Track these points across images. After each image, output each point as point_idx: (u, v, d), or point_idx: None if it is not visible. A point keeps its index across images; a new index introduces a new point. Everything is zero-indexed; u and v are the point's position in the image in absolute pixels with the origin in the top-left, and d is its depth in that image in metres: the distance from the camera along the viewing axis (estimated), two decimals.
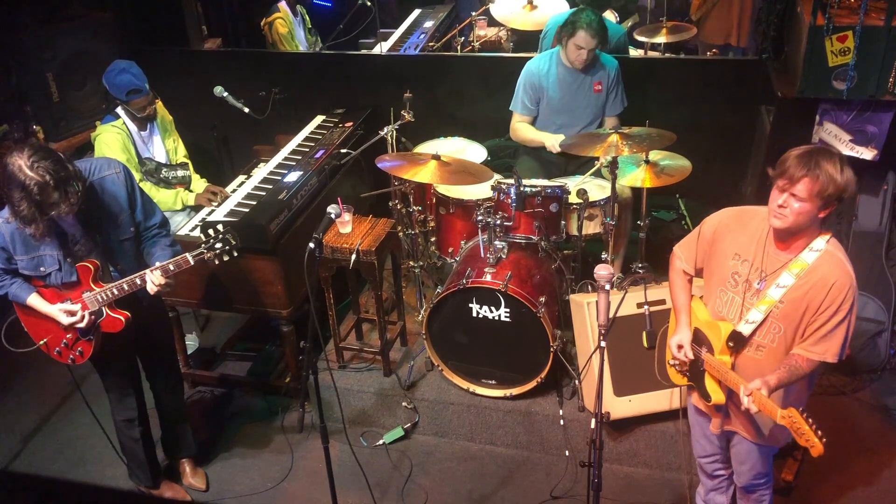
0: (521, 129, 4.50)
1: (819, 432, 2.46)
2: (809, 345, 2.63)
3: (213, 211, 4.18)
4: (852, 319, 2.59)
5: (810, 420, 2.47)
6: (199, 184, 4.41)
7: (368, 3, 5.77)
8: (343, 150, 4.58)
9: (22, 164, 2.78)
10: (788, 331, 2.67)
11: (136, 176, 4.06)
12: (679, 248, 3.00)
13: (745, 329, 2.71)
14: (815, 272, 2.59)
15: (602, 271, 2.70)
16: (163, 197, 4.19)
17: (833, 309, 2.57)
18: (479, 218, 3.94)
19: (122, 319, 3.20)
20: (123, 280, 3.13)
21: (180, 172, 4.34)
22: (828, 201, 2.53)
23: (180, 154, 4.44)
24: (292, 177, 4.24)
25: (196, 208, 4.30)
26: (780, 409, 2.53)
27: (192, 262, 3.12)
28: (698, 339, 2.88)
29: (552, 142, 4.31)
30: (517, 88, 4.48)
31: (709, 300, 2.89)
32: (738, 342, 2.74)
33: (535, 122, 4.51)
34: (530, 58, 4.52)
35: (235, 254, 3.18)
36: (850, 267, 2.60)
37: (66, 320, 3.15)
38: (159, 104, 4.31)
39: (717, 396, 2.83)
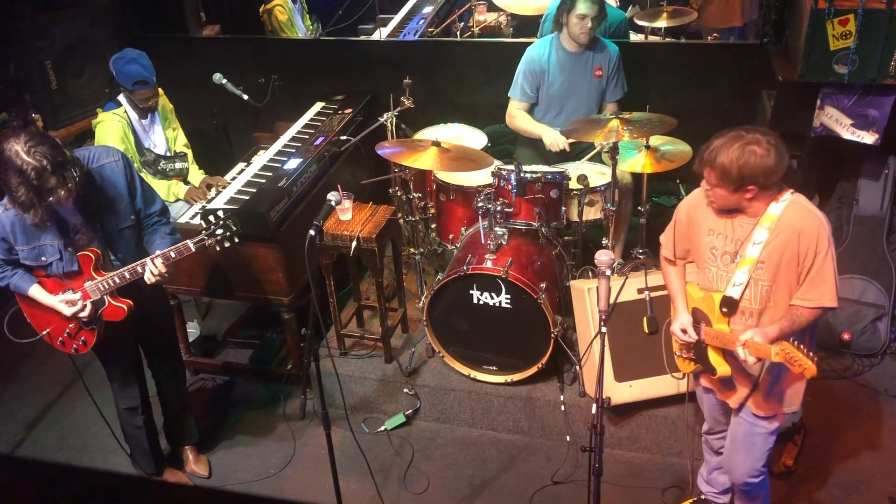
0: (519, 118, 4.48)
1: (811, 354, 2.52)
2: (804, 293, 2.68)
3: (213, 199, 4.17)
4: (833, 255, 2.65)
5: (802, 347, 2.52)
6: (197, 175, 4.40)
7: None
8: (343, 137, 4.57)
9: (19, 149, 2.77)
10: (778, 289, 2.70)
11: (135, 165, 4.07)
12: (662, 237, 3.08)
13: (734, 292, 2.75)
14: (782, 222, 2.66)
15: (603, 257, 2.71)
16: (155, 188, 4.18)
17: (812, 254, 2.63)
18: (480, 204, 3.94)
19: (125, 308, 3.20)
20: (125, 268, 3.13)
21: (178, 164, 4.33)
22: (739, 183, 2.60)
23: (180, 143, 4.43)
24: (292, 164, 4.24)
25: None
26: (773, 347, 2.57)
27: (193, 249, 3.12)
28: (697, 316, 2.92)
29: (552, 139, 4.29)
30: (517, 75, 4.45)
31: (700, 280, 2.94)
32: (730, 306, 2.78)
33: (532, 108, 4.49)
34: (530, 43, 4.50)
35: (237, 240, 3.18)
36: (814, 209, 2.68)
37: (67, 311, 3.15)
38: (161, 93, 4.30)
39: (723, 369, 2.85)
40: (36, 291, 3.18)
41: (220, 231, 3.13)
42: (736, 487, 3.20)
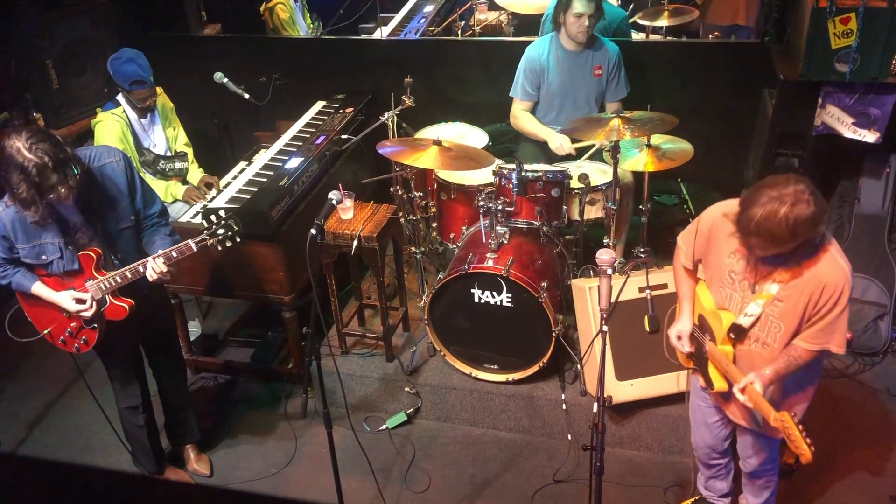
0: (523, 119, 4.47)
1: (808, 440, 2.47)
2: (810, 336, 2.62)
3: (214, 198, 4.17)
4: (848, 308, 2.59)
5: (801, 427, 2.48)
6: (196, 174, 4.40)
7: None
8: (344, 136, 4.57)
9: (20, 146, 2.77)
10: (789, 330, 2.65)
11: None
12: (681, 239, 2.99)
13: (745, 321, 2.71)
14: (809, 268, 2.57)
15: (604, 256, 2.71)
16: (153, 188, 4.17)
17: (830, 305, 2.56)
18: (481, 203, 3.94)
19: (126, 307, 3.20)
20: (127, 268, 3.13)
21: (178, 164, 4.33)
22: (791, 242, 2.47)
23: (181, 142, 4.43)
24: (293, 163, 4.24)
25: None
26: (773, 412, 2.54)
27: (194, 249, 3.12)
28: (703, 326, 2.89)
29: (558, 143, 4.28)
30: (517, 74, 4.45)
31: (711, 290, 2.89)
32: (738, 333, 2.75)
33: (535, 107, 4.49)
34: (531, 42, 4.50)
35: (238, 239, 3.18)
36: (842, 260, 2.58)
37: (74, 307, 3.15)
38: (161, 92, 4.30)
39: (720, 384, 2.83)
40: (39, 288, 3.17)
41: (221, 230, 3.13)
42: (747, 475, 3.19)
